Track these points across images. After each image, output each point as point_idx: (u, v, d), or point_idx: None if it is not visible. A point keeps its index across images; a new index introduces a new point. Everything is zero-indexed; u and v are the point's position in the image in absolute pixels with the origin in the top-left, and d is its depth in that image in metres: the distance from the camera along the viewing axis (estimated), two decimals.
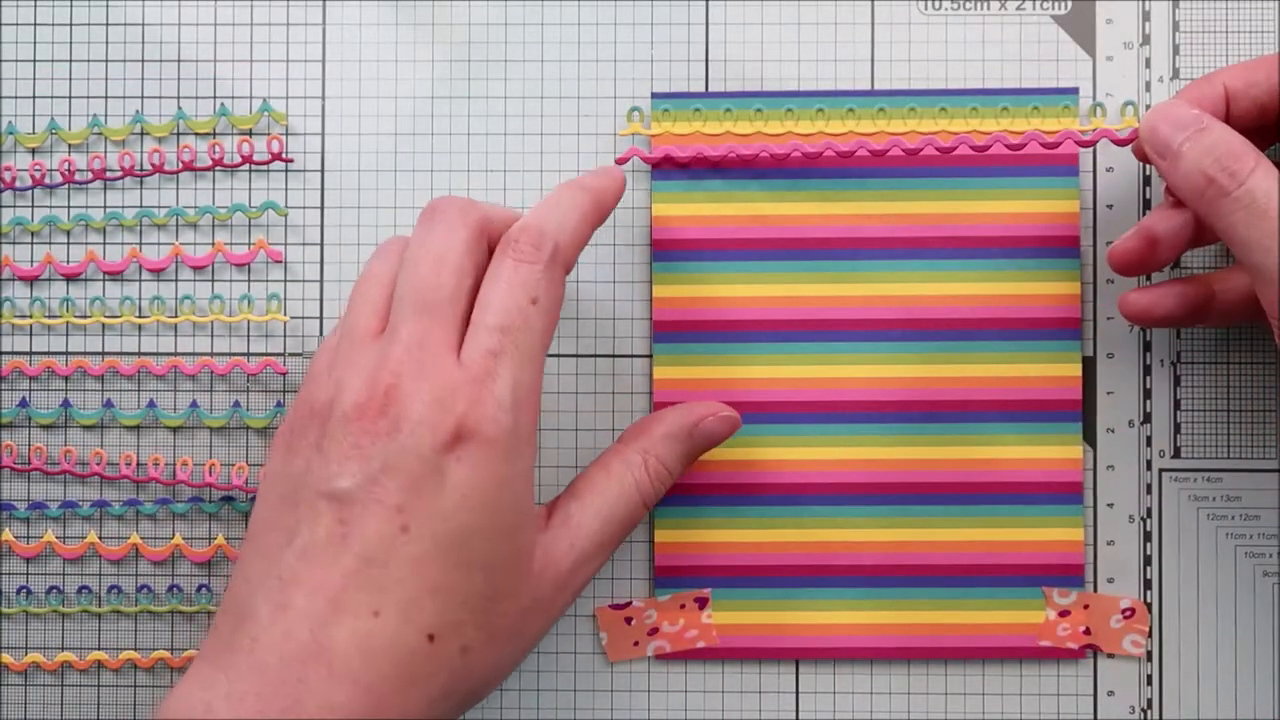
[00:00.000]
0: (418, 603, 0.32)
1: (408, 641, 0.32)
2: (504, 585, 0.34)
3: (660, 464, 0.37)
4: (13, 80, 0.41)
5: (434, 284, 0.34)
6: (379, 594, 0.32)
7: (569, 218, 0.36)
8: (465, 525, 0.33)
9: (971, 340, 0.40)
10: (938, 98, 0.40)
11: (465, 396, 0.33)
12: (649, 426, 0.38)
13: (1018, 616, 0.40)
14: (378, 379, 0.33)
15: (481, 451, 0.33)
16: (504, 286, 0.34)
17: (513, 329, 0.34)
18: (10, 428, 0.41)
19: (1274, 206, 0.33)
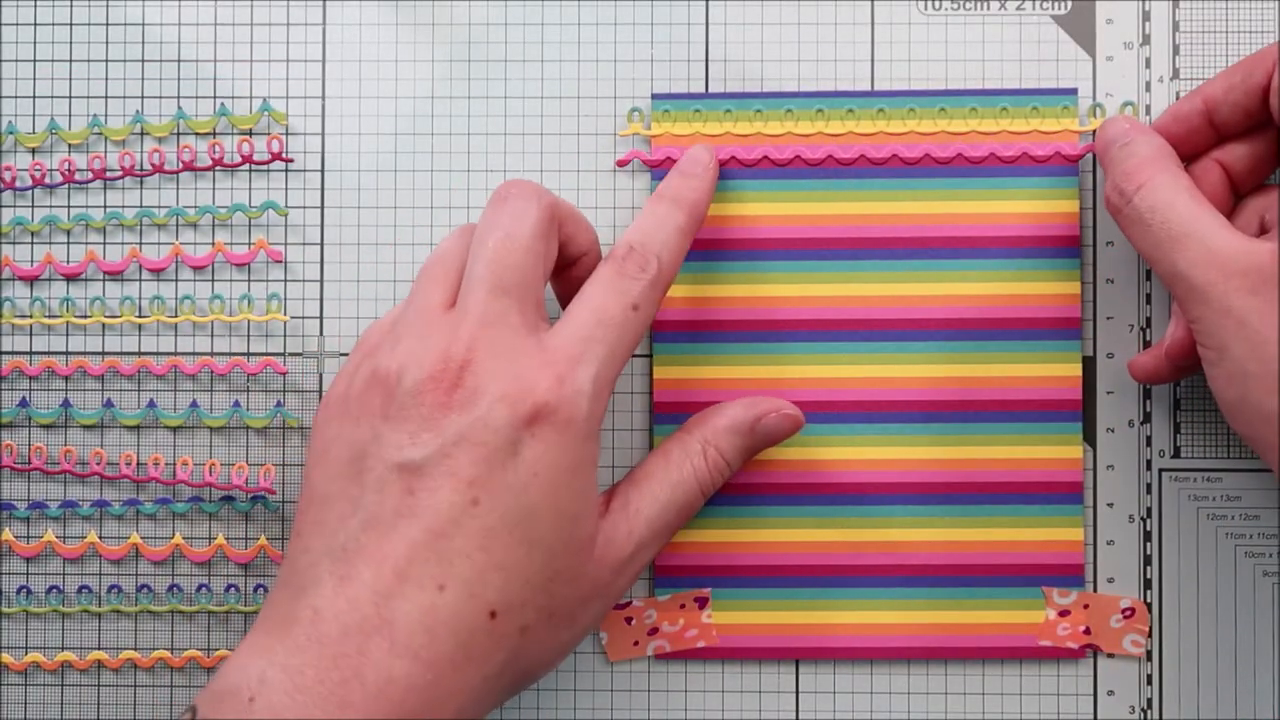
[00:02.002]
0: (483, 578, 0.32)
1: (470, 617, 0.32)
2: (565, 567, 0.34)
3: (719, 455, 0.38)
4: (13, 80, 0.41)
5: (509, 264, 0.34)
6: (445, 567, 0.32)
7: (671, 238, 0.37)
8: (534, 504, 0.33)
9: (971, 340, 0.40)
10: (937, 98, 0.40)
11: (548, 377, 0.33)
12: (711, 417, 0.38)
13: (1018, 616, 0.40)
14: (451, 352, 0.33)
15: (558, 433, 0.33)
16: (609, 289, 0.35)
17: (608, 324, 0.34)
18: (10, 428, 0.41)
19: (1157, 219, 0.35)
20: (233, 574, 0.41)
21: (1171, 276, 0.35)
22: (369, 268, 0.41)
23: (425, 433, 0.33)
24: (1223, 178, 0.37)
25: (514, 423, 0.33)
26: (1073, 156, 0.40)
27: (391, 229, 0.41)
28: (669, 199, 0.38)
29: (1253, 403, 0.34)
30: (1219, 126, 0.37)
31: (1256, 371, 0.33)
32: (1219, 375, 0.35)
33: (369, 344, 0.36)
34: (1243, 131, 0.37)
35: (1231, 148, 0.37)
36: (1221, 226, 0.34)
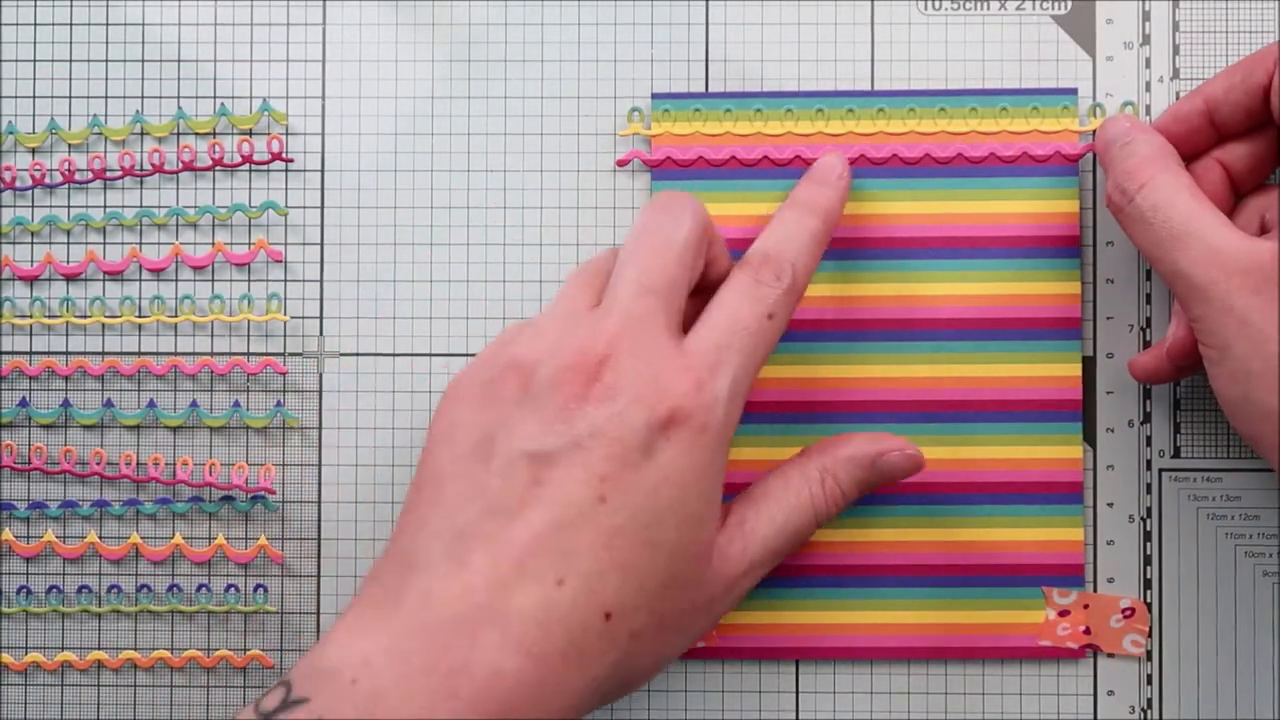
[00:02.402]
0: (602, 577, 0.32)
1: (585, 616, 0.31)
2: (682, 574, 0.33)
3: (837, 485, 0.37)
4: (13, 80, 0.41)
5: (659, 267, 0.34)
6: (566, 561, 0.31)
7: (805, 246, 0.37)
8: (662, 507, 0.32)
9: (971, 340, 0.40)
10: (937, 98, 0.40)
11: (687, 381, 0.33)
12: (833, 447, 0.38)
13: (1018, 616, 0.40)
14: (591, 346, 0.33)
15: (692, 437, 0.33)
16: (744, 297, 0.35)
17: (744, 332, 0.34)
18: (10, 428, 0.41)
19: (1159, 218, 0.35)
20: (233, 574, 0.41)
21: (1173, 275, 0.35)
22: (369, 268, 0.41)
23: (559, 423, 0.32)
24: (1223, 177, 0.37)
25: (650, 424, 0.32)
26: (1073, 156, 0.40)
27: (391, 229, 0.41)
28: (803, 206, 0.38)
29: (1255, 401, 0.34)
30: (1219, 126, 0.37)
31: (1258, 370, 0.33)
32: (1221, 374, 0.35)
33: (508, 336, 0.35)
34: (1243, 131, 0.37)
35: (1232, 147, 0.37)
36: (1223, 225, 0.34)
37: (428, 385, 0.41)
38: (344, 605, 0.40)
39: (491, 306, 0.41)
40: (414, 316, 0.41)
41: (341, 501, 0.41)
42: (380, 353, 0.41)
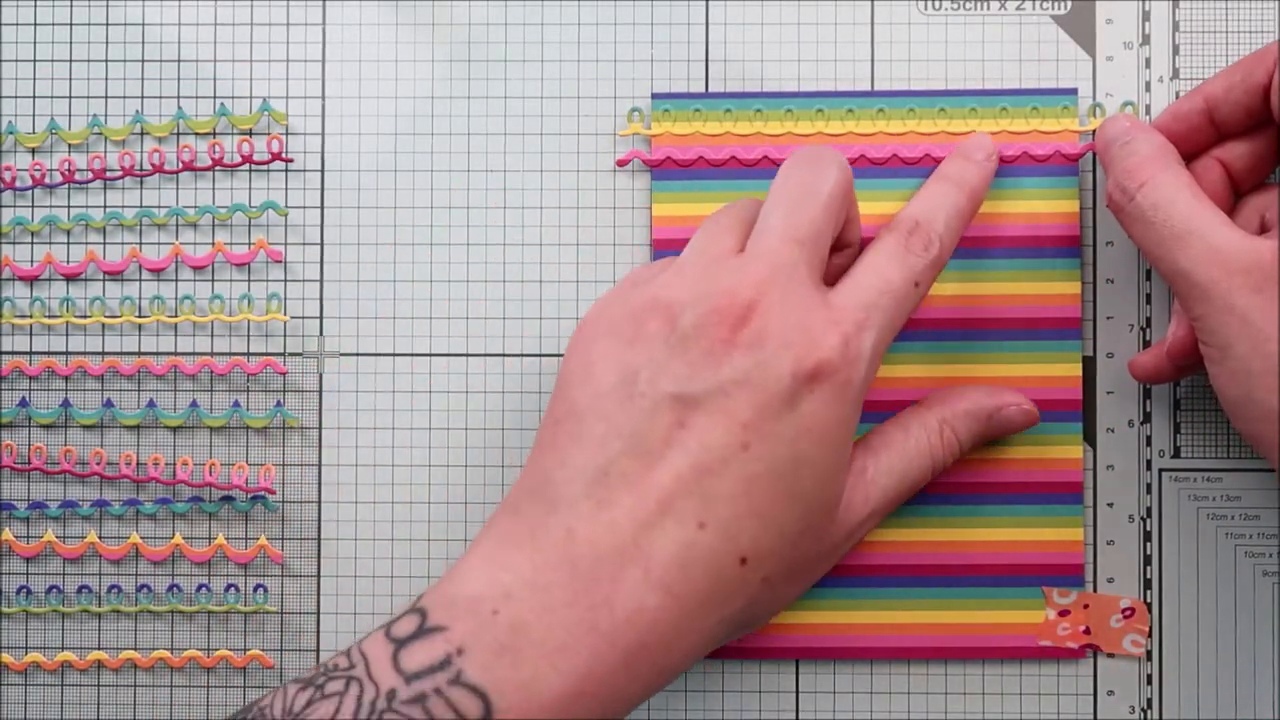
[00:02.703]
0: (740, 523, 0.32)
1: (722, 560, 0.32)
2: (814, 524, 0.34)
3: (955, 437, 0.38)
4: (13, 80, 0.41)
5: (807, 216, 0.34)
6: (707, 505, 0.32)
7: (952, 219, 0.37)
8: (801, 458, 0.33)
9: (972, 340, 0.40)
10: (937, 98, 0.40)
11: (834, 335, 0.33)
12: (951, 398, 0.38)
13: (1018, 616, 0.40)
14: (739, 290, 0.33)
15: (835, 391, 0.33)
16: (895, 261, 0.35)
17: (891, 294, 0.35)
18: (10, 428, 0.41)
19: (1159, 217, 0.35)
20: (233, 574, 0.41)
21: (1173, 274, 0.35)
22: (369, 268, 0.41)
23: (705, 367, 0.32)
24: (1223, 176, 0.37)
25: (796, 374, 0.32)
26: (1073, 156, 0.40)
27: (391, 229, 0.41)
28: (953, 180, 0.38)
29: (1256, 400, 0.34)
30: (1219, 125, 0.37)
31: (1259, 369, 0.33)
32: (1221, 373, 0.35)
33: (642, 275, 0.35)
34: (1243, 130, 0.37)
35: (1232, 146, 0.37)
36: (1223, 224, 0.34)
37: (428, 385, 0.41)
38: (344, 605, 0.41)
39: (491, 306, 0.41)
40: (414, 316, 0.41)
41: (341, 501, 0.41)
42: (380, 353, 0.41)
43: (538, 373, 0.41)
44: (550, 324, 0.41)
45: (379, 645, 0.31)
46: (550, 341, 0.41)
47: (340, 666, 0.31)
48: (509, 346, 0.41)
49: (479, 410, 0.41)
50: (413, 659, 0.31)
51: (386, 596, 0.41)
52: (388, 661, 0.31)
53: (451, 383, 0.41)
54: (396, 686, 0.31)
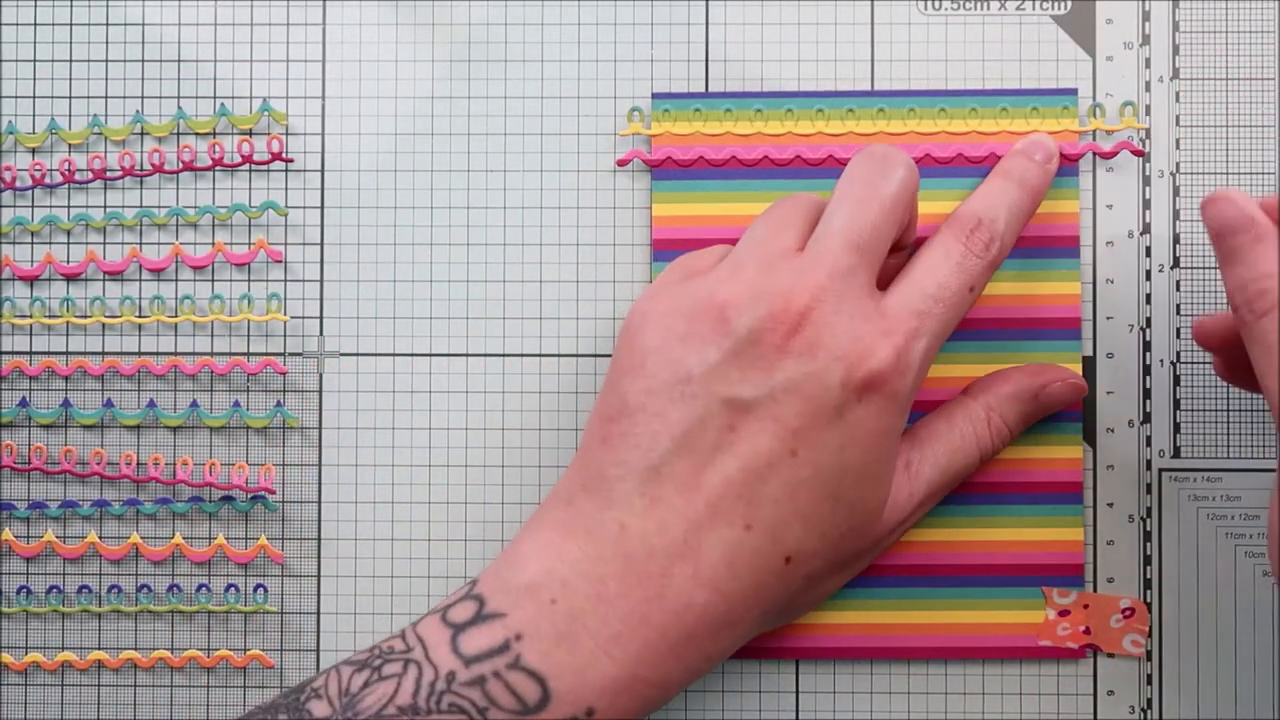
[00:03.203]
0: (786, 525, 0.33)
1: (768, 559, 0.33)
2: (859, 525, 0.35)
3: (1002, 422, 0.38)
4: (13, 80, 0.41)
5: (868, 221, 0.34)
6: (754, 508, 0.33)
7: (1014, 219, 0.37)
8: (847, 465, 0.33)
9: (972, 340, 0.40)
10: (937, 98, 0.40)
11: (887, 346, 0.33)
12: (995, 384, 0.38)
13: (1018, 616, 0.40)
14: (795, 296, 0.33)
15: (884, 401, 0.33)
16: (952, 265, 0.35)
17: (945, 302, 0.35)
18: (10, 428, 0.41)
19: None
20: (233, 574, 0.41)
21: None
22: (369, 268, 0.41)
23: (758, 372, 0.33)
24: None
25: (846, 384, 0.33)
26: (1073, 156, 0.40)
27: (391, 229, 0.41)
28: (1016, 178, 0.38)
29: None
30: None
31: None
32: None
33: (690, 267, 0.36)
34: None
35: None
36: None
37: (427, 385, 0.41)
38: (344, 605, 0.41)
39: (491, 306, 0.41)
40: (414, 316, 0.41)
41: (341, 501, 0.41)
42: (380, 353, 0.41)
43: (538, 373, 0.41)
44: (550, 324, 0.41)
45: (436, 629, 0.32)
46: (550, 341, 0.41)
47: (396, 650, 0.32)
48: (509, 346, 0.41)
49: (479, 410, 0.41)
50: (472, 643, 0.32)
51: (386, 596, 0.41)
52: (446, 645, 0.32)
53: (451, 383, 0.41)
54: (456, 669, 0.32)
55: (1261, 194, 0.40)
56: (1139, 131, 0.40)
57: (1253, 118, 0.40)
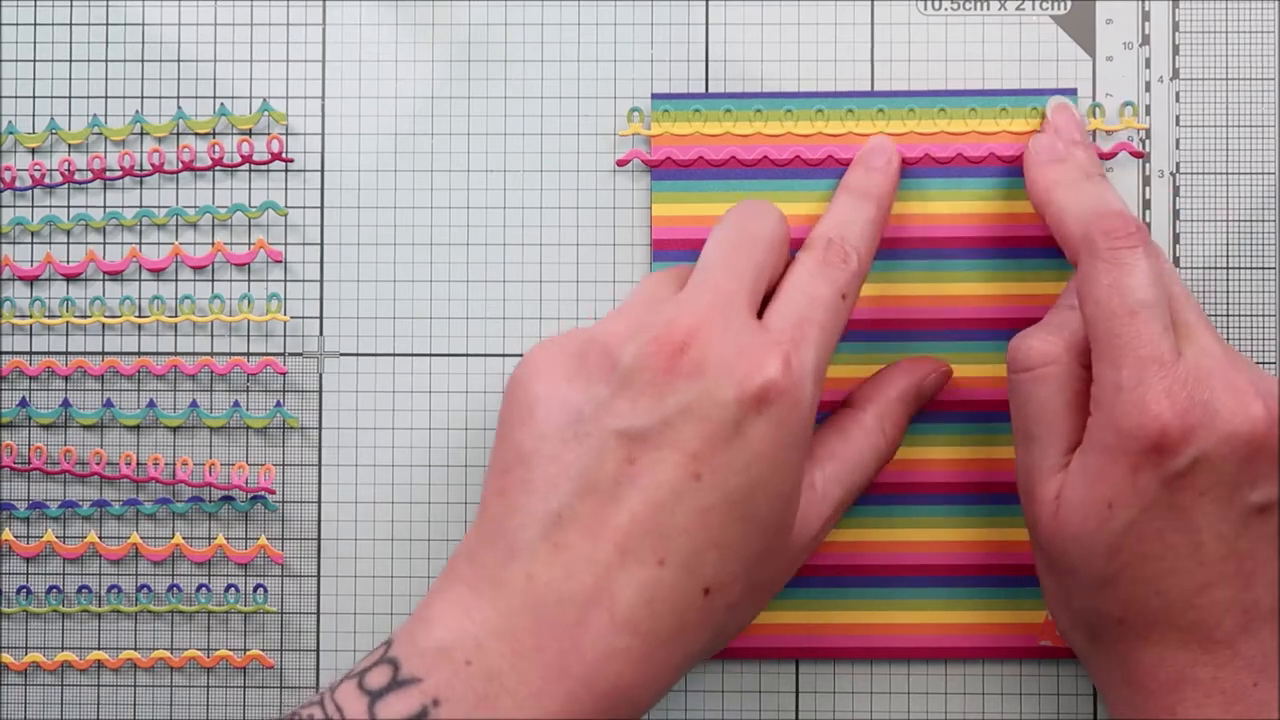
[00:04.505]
0: (701, 555, 0.32)
1: (686, 594, 0.32)
2: (773, 545, 0.34)
3: (896, 428, 0.38)
4: (13, 80, 0.41)
5: (745, 255, 0.35)
6: (665, 541, 0.32)
7: (866, 231, 0.37)
8: (754, 482, 0.32)
9: (972, 340, 0.40)
10: (937, 98, 0.40)
11: (775, 355, 0.33)
12: (879, 390, 0.38)
13: (1018, 616, 0.40)
14: (677, 321, 0.33)
15: (783, 413, 0.33)
16: (817, 277, 0.35)
17: (822, 307, 0.35)
18: (10, 428, 0.41)
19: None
20: (233, 574, 0.41)
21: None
22: (369, 268, 0.41)
23: (649, 400, 0.32)
24: None
25: (741, 400, 0.32)
26: None
27: (391, 229, 0.41)
28: (858, 191, 0.38)
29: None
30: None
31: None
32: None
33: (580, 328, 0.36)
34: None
35: None
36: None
37: (427, 385, 0.41)
38: (344, 605, 0.41)
39: (491, 306, 0.41)
40: (414, 316, 0.41)
41: (341, 501, 0.41)
42: (380, 353, 0.41)
43: None
44: (550, 324, 0.41)
45: (353, 696, 0.31)
46: None
47: (315, 718, 0.31)
48: (509, 346, 0.41)
49: (479, 410, 0.41)
50: (389, 709, 0.31)
51: (386, 596, 0.41)
52: (364, 713, 0.31)
53: (451, 383, 0.41)
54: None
55: (1262, 194, 0.40)
56: (1139, 132, 0.40)
57: (1253, 118, 0.40)
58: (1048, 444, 0.35)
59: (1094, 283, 0.34)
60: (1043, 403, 0.35)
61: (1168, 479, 0.33)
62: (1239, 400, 0.33)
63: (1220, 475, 0.33)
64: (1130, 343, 0.33)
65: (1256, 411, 0.33)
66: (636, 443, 0.32)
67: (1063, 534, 0.34)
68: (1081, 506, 0.34)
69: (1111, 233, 0.34)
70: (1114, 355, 0.33)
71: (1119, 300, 0.34)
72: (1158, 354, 0.33)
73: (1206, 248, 0.40)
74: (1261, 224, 0.40)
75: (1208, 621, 0.33)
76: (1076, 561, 0.34)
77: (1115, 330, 0.33)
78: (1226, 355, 0.34)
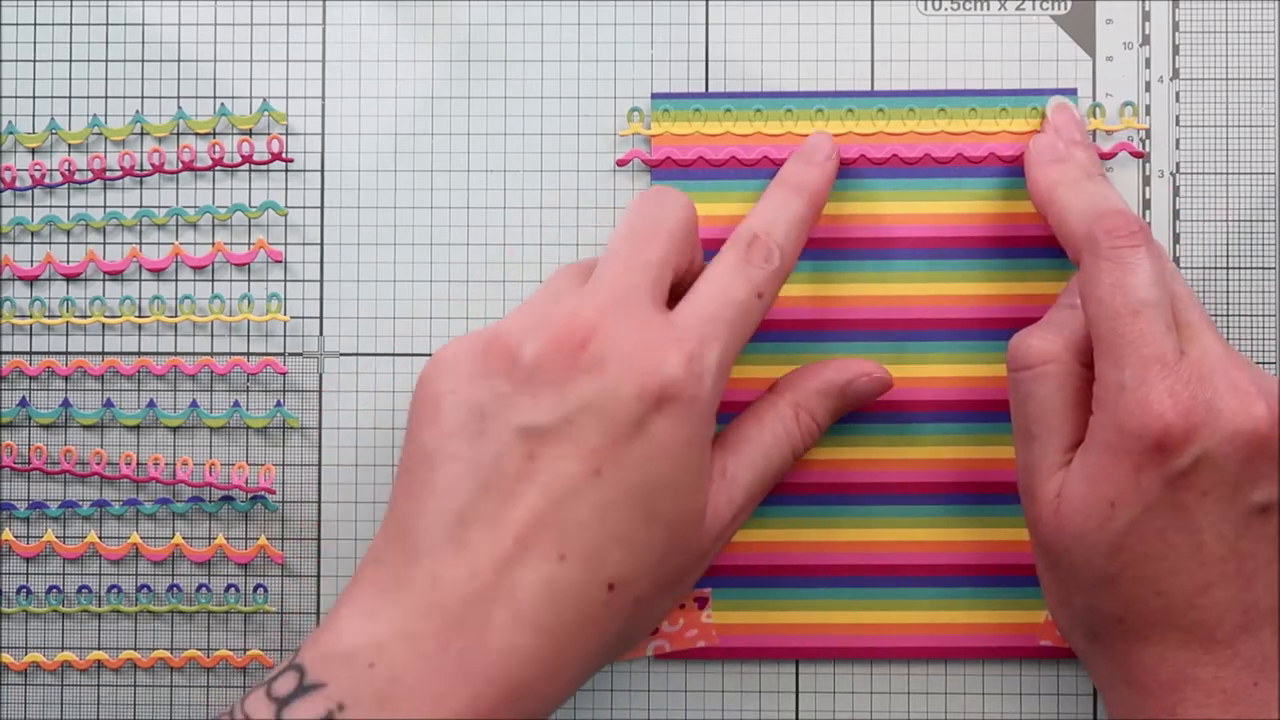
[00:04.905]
0: (603, 550, 0.32)
1: (589, 589, 0.32)
2: (679, 539, 0.34)
3: (811, 419, 0.38)
4: (13, 80, 0.41)
5: (648, 246, 0.35)
6: (565, 537, 0.32)
7: (793, 228, 0.37)
8: (656, 479, 0.32)
9: (973, 340, 0.40)
10: (937, 98, 0.40)
11: (678, 354, 0.33)
12: (801, 380, 0.38)
13: (1018, 616, 0.40)
14: (579, 316, 0.33)
15: (684, 409, 0.33)
16: (735, 274, 0.35)
17: (734, 306, 0.34)
18: (10, 428, 0.41)
19: None
20: (233, 574, 0.41)
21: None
22: (369, 268, 0.41)
23: (550, 397, 0.32)
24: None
25: (641, 396, 0.32)
26: None
27: (391, 229, 0.41)
28: (791, 186, 0.38)
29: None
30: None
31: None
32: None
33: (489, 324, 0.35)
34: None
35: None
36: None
37: None
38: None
39: (492, 306, 0.41)
40: (414, 316, 0.41)
41: (341, 501, 0.41)
42: (380, 353, 0.41)
43: None
44: None
45: (262, 704, 0.31)
46: None
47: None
48: None
49: None
50: (296, 715, 0.31)
51: None
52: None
53: None
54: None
55: (1262, 194, 0.40)
56: (1139, 131, 0.40)
57: (1253, 118, 0.40)
58: (1048, 442, 0.35)
59: (1096, 282, 0.34)
60: (1043, 401, 0.35)
61: (1170, 478, 0.33)
62: (1242, 400, 0.33)
63: (1223, 475, 0.33)
64: (1133, 342, 0.33)
65: (1259, 411, 0.33)
66: (537, 439, 0.32)
67: (1063, 533, 0.34)
68: (1083, 505, 0.34)
69: (1114, 231, 0.34)
70: (1117, 354, 0.33)
71: (1121, 299, 0.33)
72: (1160, 353, 0.33)
73: (1206, 248, 0.40)
74: (1261, 224, 0.40)
75: (1209, 621, 0.33)
76: (1077, 560, 0.34)
77: (1118, 329, 0.33)
78: (1229, 355, 0.34)
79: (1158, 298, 0.34)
